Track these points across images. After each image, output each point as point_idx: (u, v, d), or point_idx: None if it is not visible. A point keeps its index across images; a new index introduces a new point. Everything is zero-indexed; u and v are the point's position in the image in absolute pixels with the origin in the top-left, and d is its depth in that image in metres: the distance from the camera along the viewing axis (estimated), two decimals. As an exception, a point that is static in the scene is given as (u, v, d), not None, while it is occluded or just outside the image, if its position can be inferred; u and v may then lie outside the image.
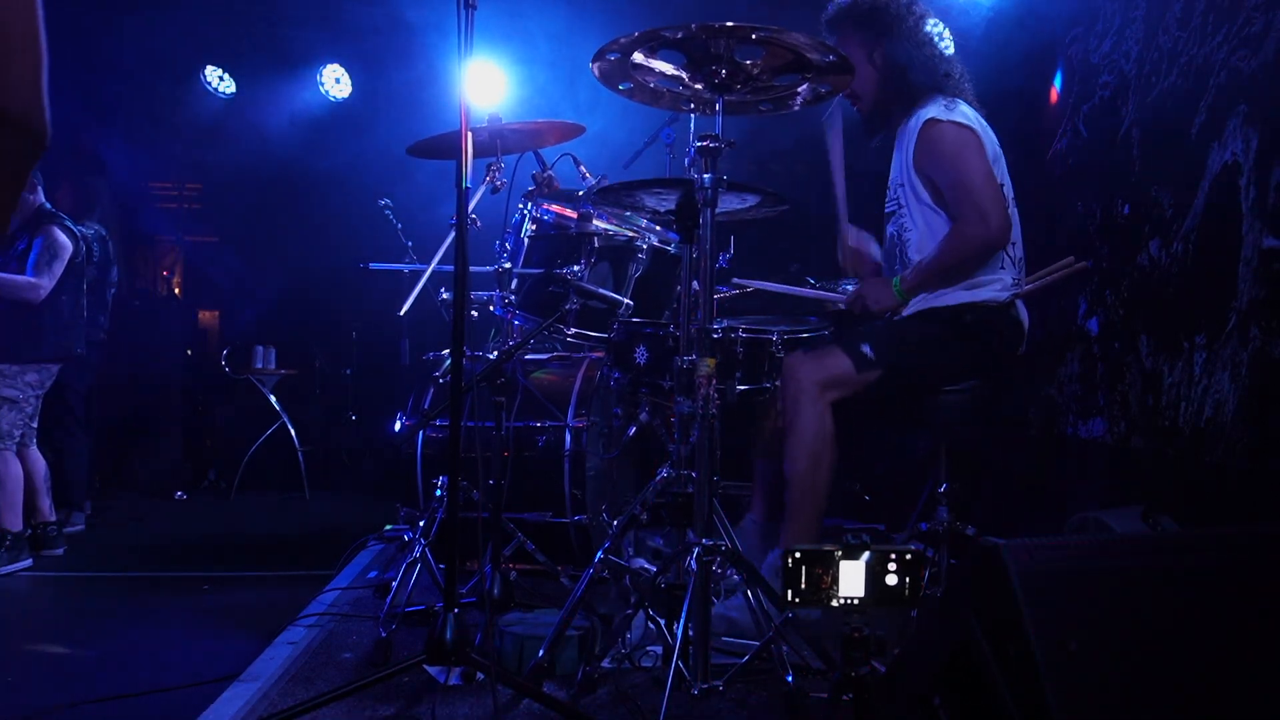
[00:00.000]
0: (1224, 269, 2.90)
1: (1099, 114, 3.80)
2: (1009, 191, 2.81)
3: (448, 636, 1.97)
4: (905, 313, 2.81)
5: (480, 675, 2.22)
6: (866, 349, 2.69)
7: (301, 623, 2.83)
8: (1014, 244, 2.80)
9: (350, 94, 6.58)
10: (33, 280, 4.10)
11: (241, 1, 6.06)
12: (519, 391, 3.37)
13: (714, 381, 2.25)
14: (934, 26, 2.89)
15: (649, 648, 2.37)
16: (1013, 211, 2.81)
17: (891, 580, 1.64)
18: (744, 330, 2.69)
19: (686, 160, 2.42)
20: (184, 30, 6.09)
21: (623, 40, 2.20)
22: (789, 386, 2.68)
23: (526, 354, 3.57)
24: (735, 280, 3.26)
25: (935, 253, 2.77)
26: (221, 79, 6.52)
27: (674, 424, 2.37)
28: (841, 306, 3.03)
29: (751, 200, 2.53)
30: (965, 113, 2.75)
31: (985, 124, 2.80)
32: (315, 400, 6.65)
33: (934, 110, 2.73)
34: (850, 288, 3.29)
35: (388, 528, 3.97)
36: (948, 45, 2.90)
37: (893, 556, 1.65)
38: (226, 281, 7.10)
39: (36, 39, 0.93)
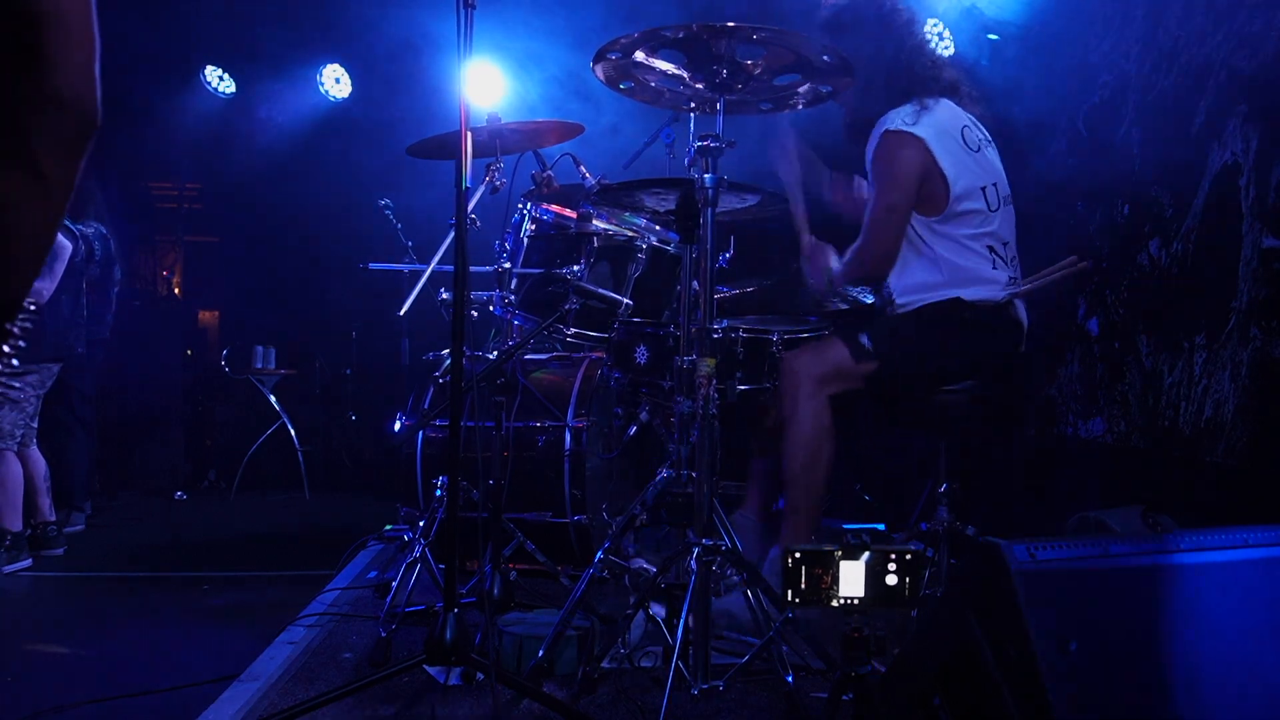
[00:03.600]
0: (1224, 269, 2.90)
1: (1099, 114, 3.80)
2: (997, 192, 2.78)
3: (448, 636, 1.97)
4: (903, 310, 2.80)
5: (480, 675, 2.22)
6: (864, 339, 2.69)
7: (301, 623, 2.82)
8: (1006, 243, 2.80)
9: (350, 94, 6.57)
10: (35, 285, 4.10)
11: (241, 1, 6.05)
12: (519, 391, 3.37)
13: (714, 381, 2.25)
14: (921, 28, 2.86)
15: (649, 648, 2.37)
16: (1001, 211, 2.79)
17: (891, 580, 1.64)
18: (744, 330, 2.69)
19: (686, 160, 2.42)
20: (184, 30, 6.09)
21: (624, 40, 2.20)
22: (787, 380, 2.69)
23: (526, 354, 3.57)
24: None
25: (843, 261, 2.88)
26: (221, 79, 6.51)
27: (674, 424, 2.37)
28: (838, 306, 3.05)
29: (751, 200, 2.53)
30: (928, 121, 2.71)
31: (955, 126, 2.76)
32: (315, 400, 6.64)
33: (895, 119, 2.72)
34: (849, 287, 3.29)
35: (388, 528, 3.97)
36: (945, 47, 2.87)
37: (893, 556, 1.65)
38: (226, 281, 7.10)
39: (90, 26, 0.99)
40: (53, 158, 0.97)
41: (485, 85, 5.32)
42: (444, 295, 3.11)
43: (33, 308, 3.73)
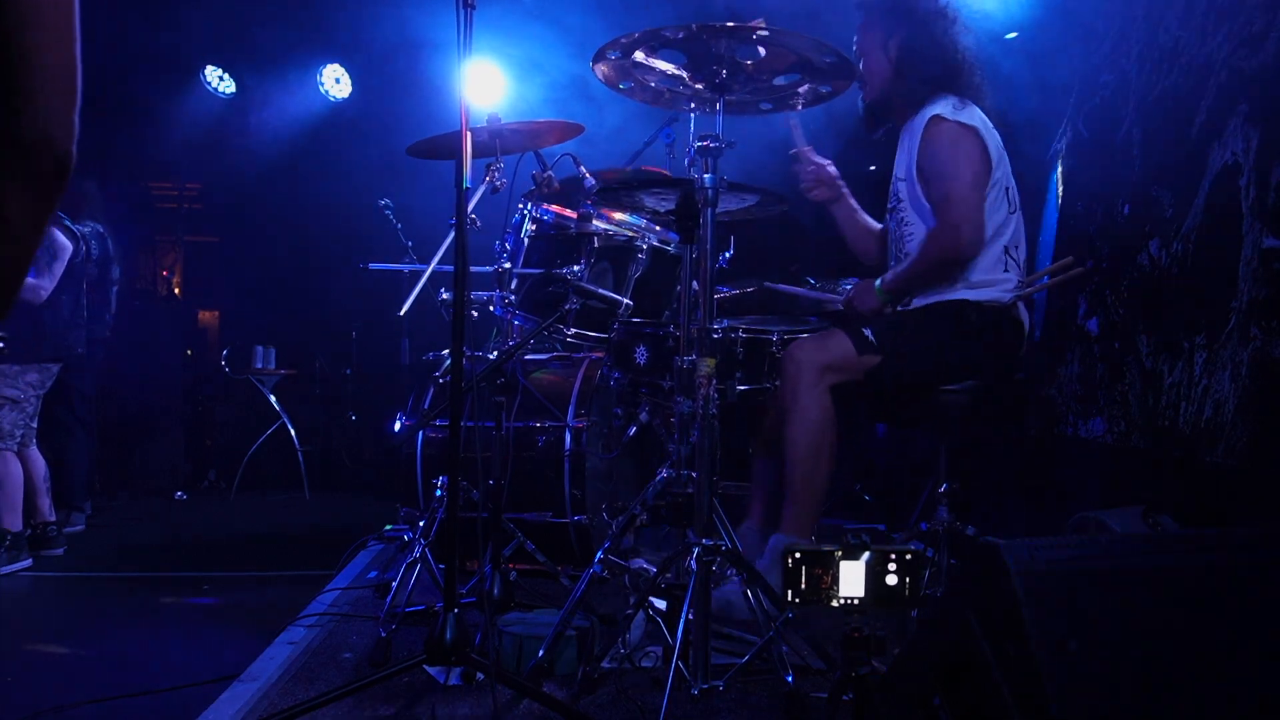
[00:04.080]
0: (1224, 269, 2.90)
1: (1099, 114, 3.80)
2: (1014, 195, 2.81)
3: (448, 636, 1.97)
4: (908, 306, 2.81)
5: (480, 675, 2.22)
6: (868, 332, 2.70)
7: (301, 623, 2.82)
8: (1017, 246, 2.81)
9: (350, 94, 6.58)
10: (33, 282, 4.10)
11: (241, 1, 6.05)
12: (519, 391, 3.37)
13: (714, 381, 2.25)
14: (959, 26, 2.85)
15: (649, 648, 2.37)
16: (1016, 215, 2.81)
17: (891, 580, 1.64)
18: (744, 330, 2.69)
19: (686, 160, 2.42)
20: (184, 30, 6.09)
21: (624, 40, 2.20)
22: (789, 369, 2.68)
23: (526, 354, 3.57)
24: (765, 285, 3.25)
25: (912, 258, 2.80)
26: (221, 79, 6.52)
27: (674, 424, 2.37)
28: (838, 307, 3.04)
29: (751, 200, 2.53)
30: (973, 114, 2.74)
31: (991, 127, 2.79)
32: (315, 400, 6.65)
33: (941, 108, 2.72)
34: (850, 288, 3.30)
35: (388, 528, 3.97)
36: (969, 47, 2.87)
37: (893, 556, 1.65)
38: (226, 281, 7.10)
39: (68, 70, 0.95)
40: (19, 202, 0.94)
41: (485, 85, 5.33)
42: (444, 295, 3.12)
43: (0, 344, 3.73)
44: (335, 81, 6.55)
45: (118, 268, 4.94)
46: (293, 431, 6.16)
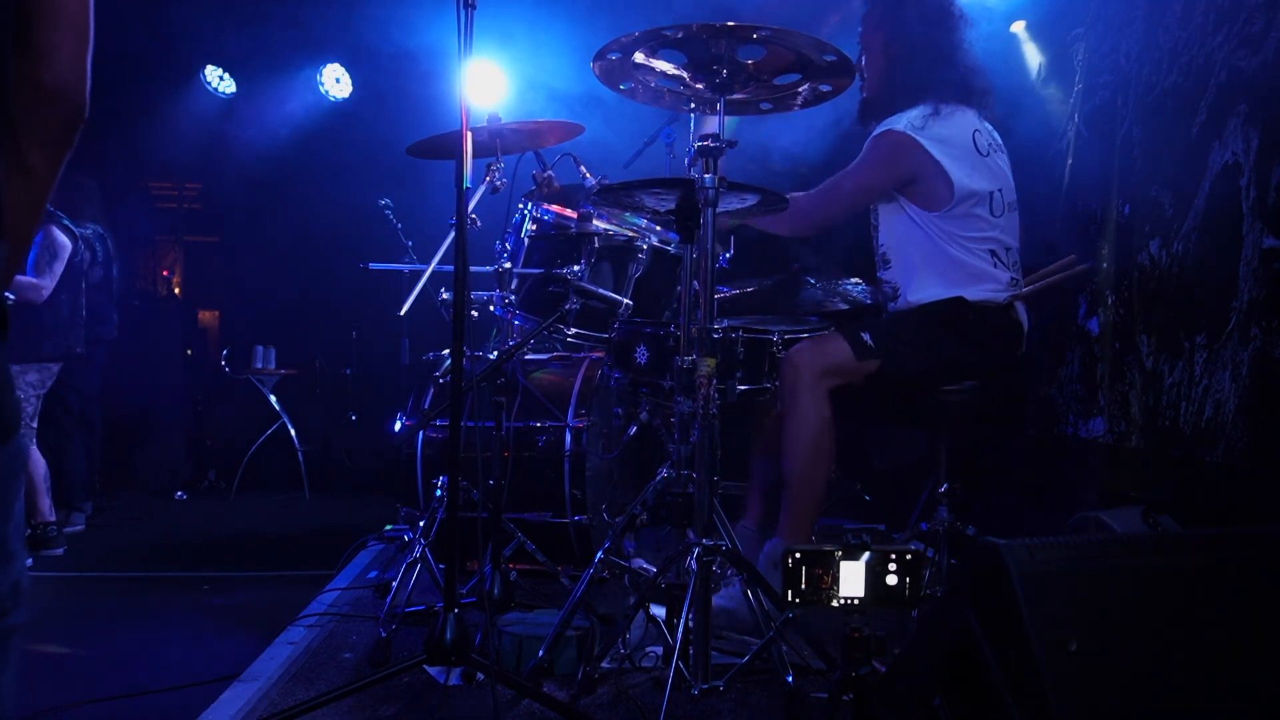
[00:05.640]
0: (1224, 269, 2.90)
1: (1099, 114, 3.80)
2: (1001, 199, 2.78)
3: (448, 636, 1.97)
4: (905, 306, 2.81)
5: (480, 675, 2.22)
6: (866, 336, 2.69)
7: (301, 623, 2.82)
8: (1009, 248, 2.80)
9: (350, 94, 6.58)
10: (34, 281, 4.11)
11: (241, 1, 6.06)
12: (519, 391, 3.37)
13: (714, 381, 2.24)
14: (964, 32, 2.83)
15: (649, 648, 2.38)
16: (1004, 218, 2.79)
17: (891, 580, 1.65)
18: (744, 330, 2.69)
19: (686, 160, 2.42)
20: (184, 30, 6.09)
21: (624, 40, 2.20)
22: (787, 373, 2.68)
23: (526, 354, 3.57)
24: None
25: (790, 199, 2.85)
26: (221, 79, 6.52)
27: (674, 424, 2.37)
28: (840, 306, 3.04)
29: (751, 200, 2.53)
30: (941, 128, 2.70)
31: (968, 137, 2.75)
32: (315, 400, 6.64)
33: (901, 120, 2.71)
34: (850, 288, 3.30)
35: (388, 528, 3.97)
36: (974, 54, 2.85)
37: (893, 556, 1.65)
38: (226, 281, 7.10)
39: (86, 21, 1.01)
40: (38, 149, 0.98)
41: (485, 85, 5.32)
42: (444, 295, 3.11)
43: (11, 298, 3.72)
44: (335, 81, 6.54)
45: (117, 267, 4.94)
46: (293, 431, 6.15)
